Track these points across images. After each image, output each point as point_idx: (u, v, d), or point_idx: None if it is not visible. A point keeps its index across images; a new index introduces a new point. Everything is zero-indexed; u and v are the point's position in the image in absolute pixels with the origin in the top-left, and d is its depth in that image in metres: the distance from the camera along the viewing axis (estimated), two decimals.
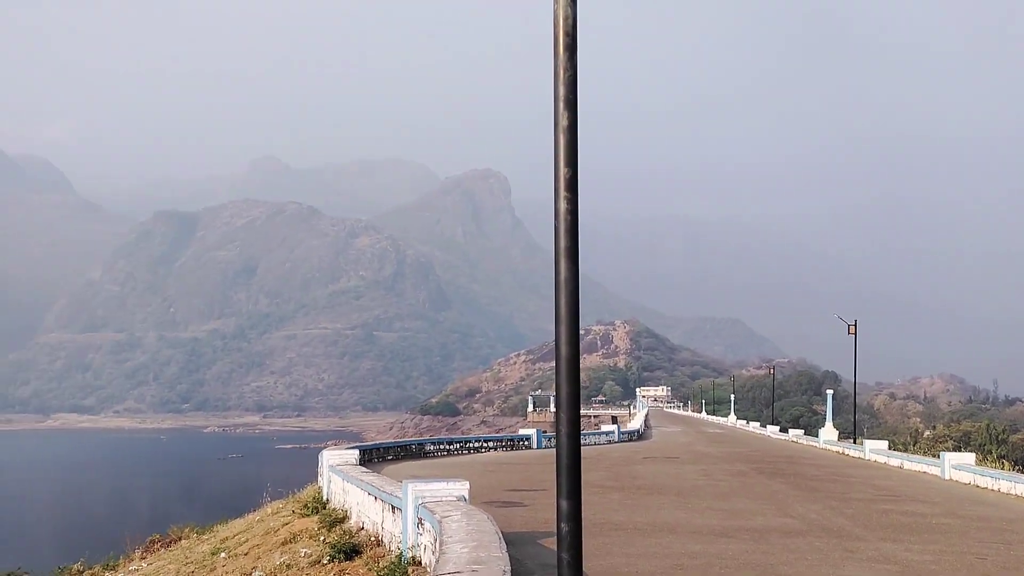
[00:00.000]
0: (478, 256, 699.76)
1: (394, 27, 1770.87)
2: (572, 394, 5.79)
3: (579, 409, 5.78)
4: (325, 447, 30.93)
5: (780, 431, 74.51)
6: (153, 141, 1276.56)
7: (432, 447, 39.94)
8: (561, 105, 5.86)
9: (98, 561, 28.85)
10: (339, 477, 23.57)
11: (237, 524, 27.45)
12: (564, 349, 5.81)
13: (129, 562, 26.84)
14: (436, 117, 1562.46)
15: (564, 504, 5.74)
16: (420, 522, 15.35)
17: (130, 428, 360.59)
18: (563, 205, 5.77)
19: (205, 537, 27.40)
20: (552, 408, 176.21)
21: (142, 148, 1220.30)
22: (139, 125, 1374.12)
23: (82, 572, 27.72)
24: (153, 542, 29.08)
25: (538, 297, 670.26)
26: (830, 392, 62.77)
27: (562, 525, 5.74)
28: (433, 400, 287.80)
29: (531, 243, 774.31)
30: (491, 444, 45.46)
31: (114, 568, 26.55)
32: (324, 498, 25.26)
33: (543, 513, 20.15)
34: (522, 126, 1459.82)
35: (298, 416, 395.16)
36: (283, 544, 20.09)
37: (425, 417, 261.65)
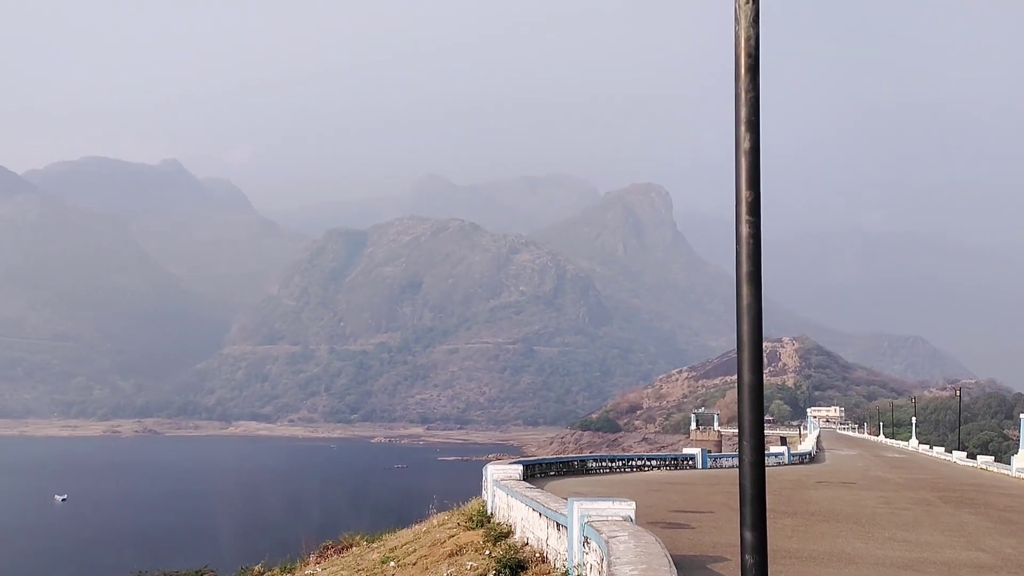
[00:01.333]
0: (639, 271, 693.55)
1: (558, 47, 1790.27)
2: (756, 422, 5.69)
3: (763, 437, 5.65)
4: (487, 460, 31.24)
5: (967, 457, 69.35)
6: (326, 163, 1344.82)
7: (594, 464, 39.65)
8: (743, 127, 5.76)
9: (277, 563, 30.27)
10: (503, 492, 23.69)
11: (404, 534, 28.10)
12: (747, 376, 5.74)
13: (305, 566, 27.98)
14: (598, 133, 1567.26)
15: (748, 535, 5.58)
16: (586, 541, 15.16)
17: (303, 437, 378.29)
18: (745, 229, 5.67)
19: (374, 545, 28.21)
20: (716, 427, 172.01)
21: (316, 170, 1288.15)
22: (313, 148, 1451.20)
23: (262, 573, 29.12)
24: (326, 548, 30.22)
25: (700, 312, 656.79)
26: None
27: (747, 557, 5.57)
28: (593, 416, 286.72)
29: (693, 257, 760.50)
30: (654, 463, 44.66)
31: (291, 571, 27.74)
32: (488, 512, 25.46)
33: (711, 536, 19.52)
34: (685, 140, 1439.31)
35: (460, 428, 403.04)
36: (449, 556, 20.38)
37: (585, 433, 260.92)
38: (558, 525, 17.31)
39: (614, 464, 41.02)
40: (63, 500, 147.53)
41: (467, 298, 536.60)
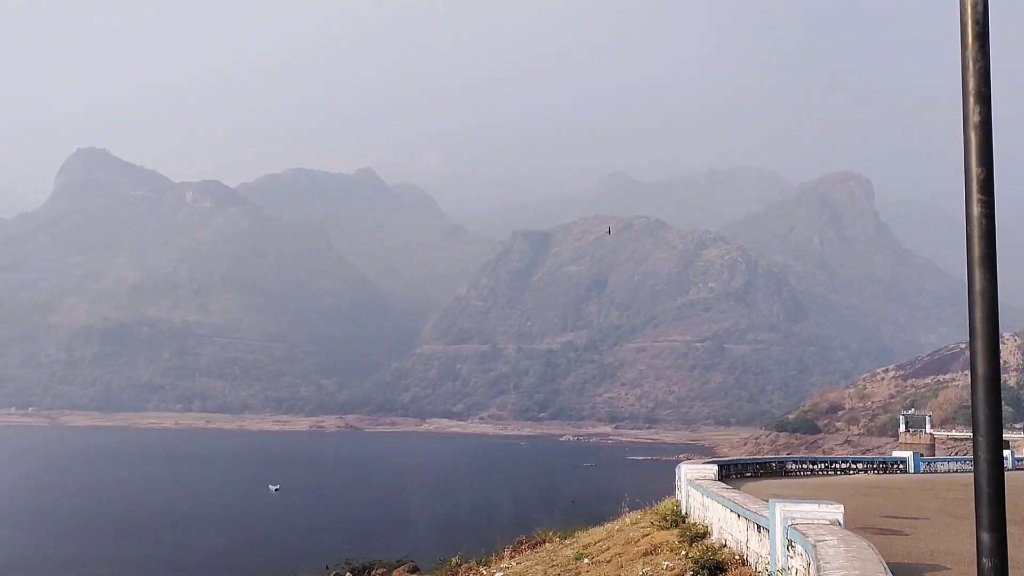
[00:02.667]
0: (837, 264, 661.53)
1: (739, 33, 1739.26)
2: (992, 416, 5.40)
3: (1000, 433, 5.38)
4: (676, 460, 30.62)
5: None
6: (510, 166, 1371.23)
7: (793, 466, 37.97)
8: (972, 99, 5.43)
9: (472, 556, 30.96)
10: (698, 492, 23.11)
11: (597, 532, 27.97)
12: (981, 367, 5.47)
13: (500, 560, 28.41)
14: (788, 122, 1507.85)
15: (986, 537, 5.33)
16: (790, 544, 14.52)
17: (493, 434, 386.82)
18: (976, 209, 5.38)
19: (567, 542, 28.25)
20: (928, 429, 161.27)
21: (501, 173, 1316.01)
22: (498, 152, 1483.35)
23: (459, 565, 29.83)
24: (520, 543, 30.58)
25: (907, 307, 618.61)
26: None
27: (984, 560, 5.34)
28: (790, 416, 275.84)
29: (898, 249, 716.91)
30: (860, 466, 42.23)
31: (487, 564, 28.23)
32: (682, 512, 24.93)
33: (927, 543, 18.14)
34: (887, 124, 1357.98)
35: (649, 428, 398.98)
36: (644, 555, 20.06)
37: (781, 434, 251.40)
38: (759, 527, 16.71)
39: (815, 466, 39.12)
40: (276, 490, 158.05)
41: (654, 296, 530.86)
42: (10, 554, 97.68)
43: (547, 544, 28.73)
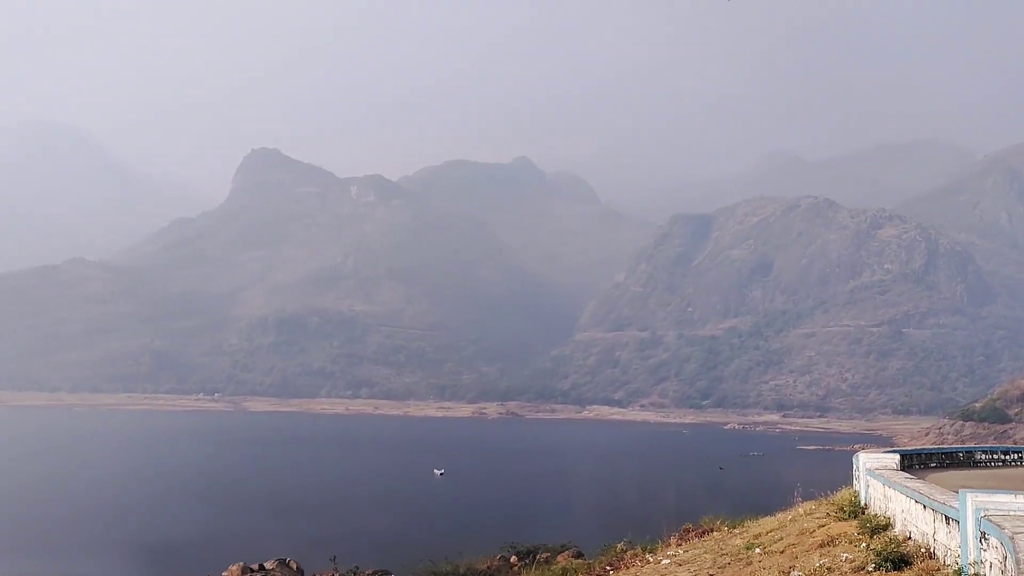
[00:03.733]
0: None
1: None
2: None
3: None
4: (851, 450, 29.08)
5: None
6: (667, 149, 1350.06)
7: (983, 455, 35.28)
8: None
9: (638, 543, 30.63)
10: (879, 482, 21.86)
11: (768, 522, 27.00)
12: None
13: (667, 547, 27.96)
14: (969, 88, 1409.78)
15: None
16: (983, 536, 13.54)
17: (655, 422, 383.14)
18: None
19: (736, 531, 27.41)
20: None
21: (658, 156, 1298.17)
22: (654, 136, 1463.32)
23: (624, 552, 29.56)
24: (687, 531, 29.98)
25: None
26: None
27: None
28: (977, 404, 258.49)
29: None
30: None
31: (653, 551, 27.82)
32: (861, 502, 23.69)
33: None
34: None
35: (820, 416, 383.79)
36: (820, 546, 19.12)
37: (967, 423, 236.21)
38: (947, 519, 15.69)
39: (1008, 456, 36.21)
40: (441, 474, 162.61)
41: (823, 279, 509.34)
42: (198, 529, 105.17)
43: (715, 533, 27.98)
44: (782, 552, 20.43)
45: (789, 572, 17.63)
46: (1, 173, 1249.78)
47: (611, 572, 25.39)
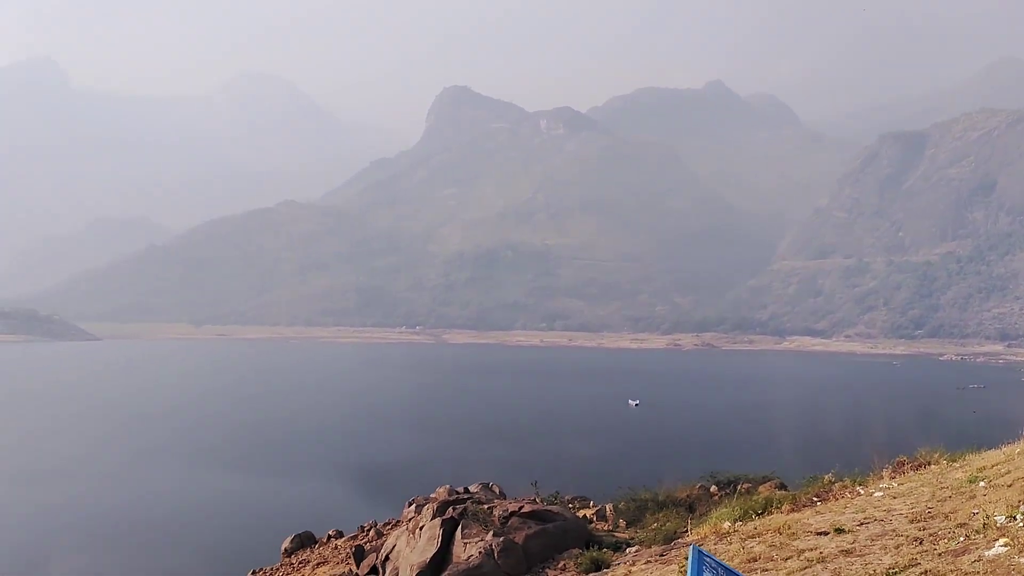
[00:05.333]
0: None
1: None
2: None
3: None
4: None
5: None
6: (876, 63, 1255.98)
7: None
8: None
9: (846, 475, 29.15)
10: None
11: (993, 455, 24.72)
12: None
13: (879, 480, 26.33)
14: None
15: None
16: None
17: (861, 353, 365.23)
18: None
19: (956, 464, 25.38)
20: None
21: (865, 72, 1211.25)
22: (861, 49, 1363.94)
23: (832, 484, 28.21)
24: (901, 463, 28.07)
25: None
26: None
27: None
28: None
29: None
30: None
31: (863, 484, 26.34)
32: None
33: None
34: None
35: None
36: None
37: None
38: None
39: None
40: (636, 405, 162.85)
41: None
42: (407, 452, 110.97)
43: (933, 466, 26.03)
44: (1010, 486, 18.52)
45: (1019, 506, 15.90)
46: (220, 123, 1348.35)
47: (818, 503, 24.16)
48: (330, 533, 41.74)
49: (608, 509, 40.60)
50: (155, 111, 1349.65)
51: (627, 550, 28.39)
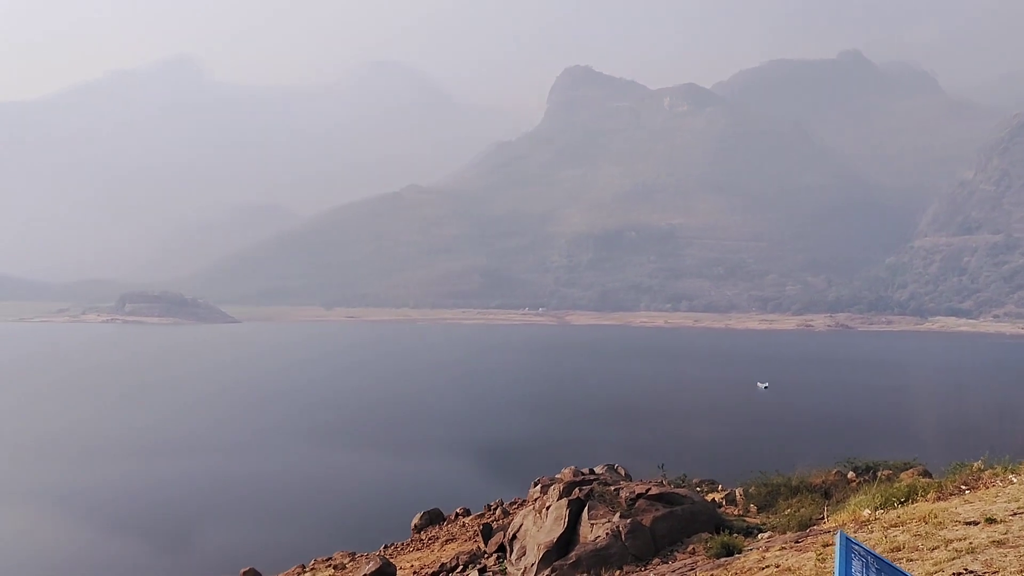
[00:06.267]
0: None
1: None
2: None
3: None
4: None
5: None
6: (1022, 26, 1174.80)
7: None
8: None
9: (998, 462, 27.43)
10: None
11: None
12: None
13: None
14: None
15: None
16: None
17: (1011, 334, 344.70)
18: None
19: None
20: None
21: (1012, 36, 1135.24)
22: (1007, 13, 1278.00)
23: (982, 471, 26.59)
24: None
25: None
26: None
27: None
28: None
29: None
30: None
31: (1016, 472, 24.70)
32: None
33: None
34: None
35: None
36: None
37: None
38: None
39: None
40: (765, 387, 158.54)
41: None
42: (533, 432, 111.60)
43: None
44: None
45: None
46: (348, 112, 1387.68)
47: (967, 492, 22.69)
48: (457, 511, 42.35)
49: (738, 493, 39.62)
50: (287, 102, 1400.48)
51: (759, 535, 27.59)
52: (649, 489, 30.62)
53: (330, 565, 37.77)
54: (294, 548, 54.47)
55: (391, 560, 32.89)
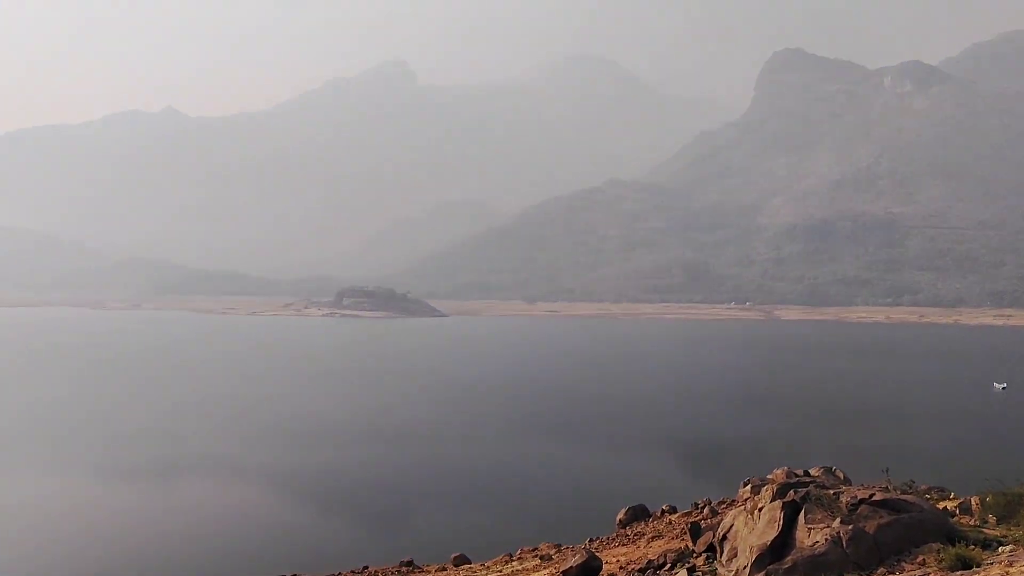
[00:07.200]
0: None
1: None
2: None
3: None
4: None
5: None
6: None
7: None
8: None
9: None
10: None
11: None
12: None
13: None
14: None
15: None
16: None
17: None
18: None
19: None
20: None
21: None
22: None
23: None
24: None
25: None
26: None
27: None
28: None
29: None
30: None
31: None
32: None
33: None
34: None
35: None
36: None
37: None
38: None
39: None
40: (1003, 388, 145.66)
41: None
42: (742, 431, 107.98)
43: None
44: None
45: None
46: (552, 106, 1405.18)
47: None
48: (663, 508, 41.42)
49: (973, 502, 36.11)
50: (491, 101, 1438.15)
51: (999, 549, 24.95)
52: (872, 495, 28.45)
53: (536, 555, 37.96)
54: (500, 536, 55.46)
55: (596, 554, 32.55)
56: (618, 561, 33.47)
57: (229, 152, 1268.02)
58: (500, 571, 35.75)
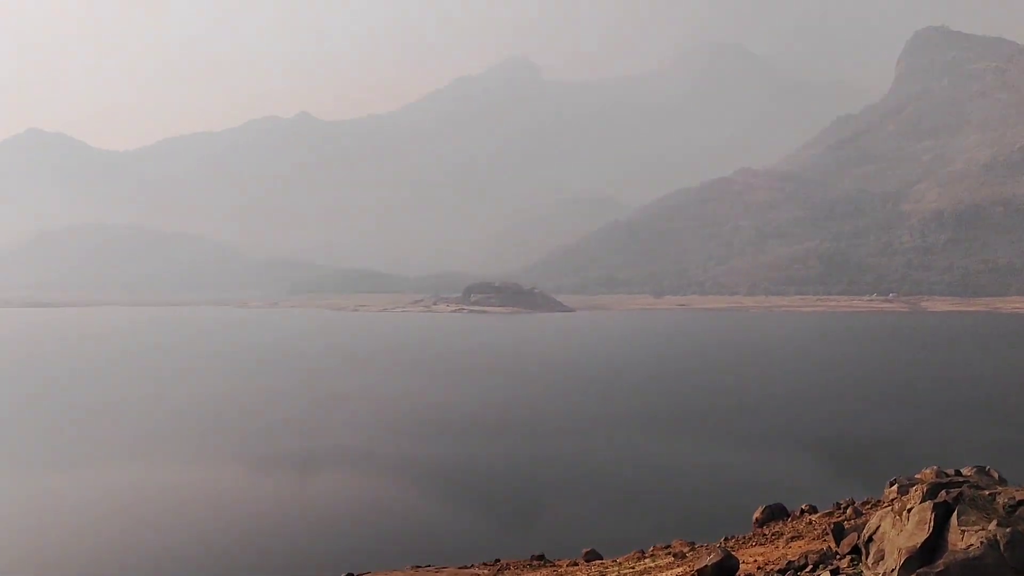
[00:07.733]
0: None
1: None
2: None
3: None
4: None
5: None
6: None
7: None
8: None
9: None
10: None
11: None
12: None
13: None
14: None
15: None
16: None
17: None
18: None
19: None
20: None
21: None
22: None
23: None
24: None
25: None
26: None
27: None
28: None
29: None
30: None
31: None
32: None
33: None
34: None
35: None
36: None
37: None
38: None
39: None
40: None
41: None
42: (886, 428, 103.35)
43: None
44: None
45: None
46: (675, 97, 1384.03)
47: None
48: (803, 507, 40.01)
49: None
50: (614, 92, 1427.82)
51: None
52: None
53: (669, 553, 37.34)
54: (632, 532, 54.99)
55: (732, 553, 31.74)
56: (755, 561, 32.55)
57: (360, 154, 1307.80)
58: (632, 568, 35.33)
